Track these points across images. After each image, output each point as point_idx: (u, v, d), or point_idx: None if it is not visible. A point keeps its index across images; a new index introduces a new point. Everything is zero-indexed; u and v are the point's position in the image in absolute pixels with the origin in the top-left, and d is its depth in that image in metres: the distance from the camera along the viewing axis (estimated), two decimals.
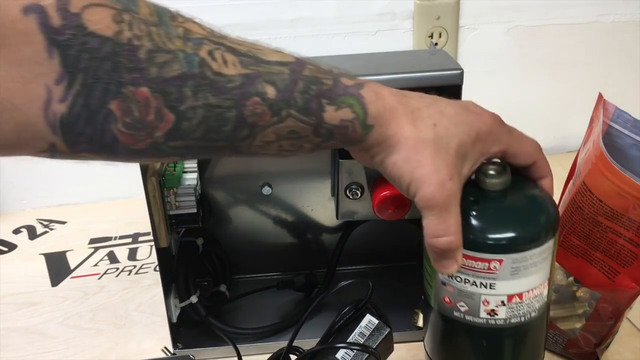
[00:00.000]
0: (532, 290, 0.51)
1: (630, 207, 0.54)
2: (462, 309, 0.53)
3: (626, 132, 0.59)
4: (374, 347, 0.56)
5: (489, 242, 0.49)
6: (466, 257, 0.50)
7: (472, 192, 0.51)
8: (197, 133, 0.40)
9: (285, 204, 0.77)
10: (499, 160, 0.52)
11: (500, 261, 0.49)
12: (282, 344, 0.69)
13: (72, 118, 0.37)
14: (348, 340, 0.56)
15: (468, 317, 0.53)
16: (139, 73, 0.37)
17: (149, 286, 0.82)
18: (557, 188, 0.66)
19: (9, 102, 0.36)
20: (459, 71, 0.60)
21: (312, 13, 0.97)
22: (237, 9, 0.95)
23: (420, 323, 0.67)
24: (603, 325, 0.61)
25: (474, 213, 0.50)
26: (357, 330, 0.57)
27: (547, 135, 1.12)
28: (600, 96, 0.60)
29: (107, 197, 1.04)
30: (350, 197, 0.68)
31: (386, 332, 0.57)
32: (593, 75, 1.08)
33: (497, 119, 0.50)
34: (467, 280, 0.51)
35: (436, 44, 1.00)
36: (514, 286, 0.51)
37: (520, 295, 0.51)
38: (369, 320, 0.57)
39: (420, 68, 0.62)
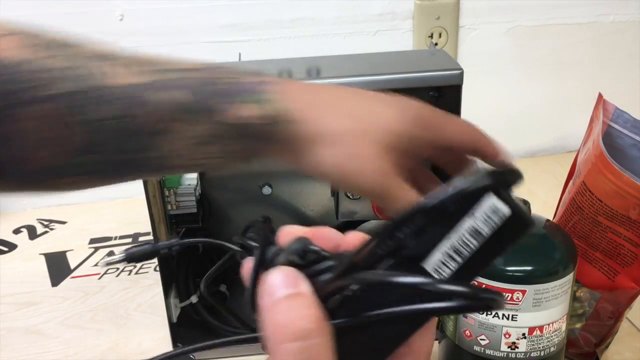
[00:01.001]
0: (552, 324, 0.52)
1: (630, 207, 0.54)
2: (483, 343, 0.53)
3: (626, 132, 0.59)
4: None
5: (513, 272, 0.51)
6: (489, 287, 0.51)
7: None
8: (110, 145, 0.40)
9: (285, 204, 0.77)
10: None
11: (524, 292, 0.50)
12: None
13: None
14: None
15: (488, 351, 0.53)
16: (49, 90, 0.38)
17: (149, 286, 0.82)
18: (557, 188, 0.66)
19: None
20: (459, 71, 0.60)
21: (312, 13, 0.97)
22: (237, 9, 0.95)
23: None
24: (603, 325, 0.61)
25: None
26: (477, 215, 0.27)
27: (547, 135, 1.12)
28: (600, 96, 0.60)
29: (107, 197, 1.04)
30: (350, 197, 0.68)
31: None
32: (593, 75, 1.08)
33: (427, 105, 0.46)
34: (489, 312, 0.52)
35: (436, 44, 1.00)
36: (536, 318, 0.52)
37: (541, 329, 0.52)
38: (491, 206, 0.27)
39: (420, 68, 0.62)
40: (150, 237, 0.63)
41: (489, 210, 0.26)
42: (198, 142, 0.42)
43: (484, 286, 0.51)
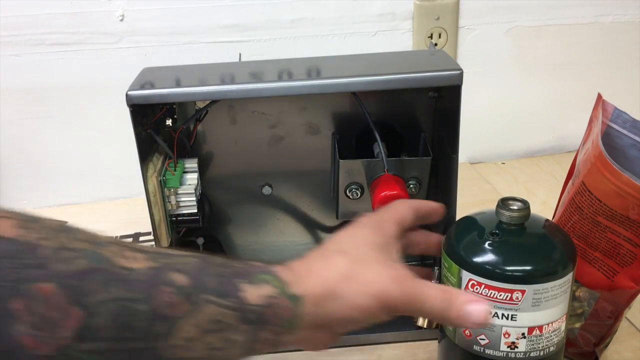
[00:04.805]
0: (552, 323, 0.53)
1: (629, 207, 0.54)
2: (482, 342, 0.53)
3: (625, 132, 0.59)
4: None
5: (513, 272, 0.51)
6: (489, 287, 0.51)
7: (494, 225, 0.53)
8: (110, 332, 0.37)
9: (285, 204, 0.77)
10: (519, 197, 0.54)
11: (523, 292, 0.50)
12: None
13: None
14: None
15: (488, 351, 0.53)
16: (43, 269, 0.36)
17: None
18: (557, 188, 0.66)
19: None
20: (458, 71, 0.60)
21: (312, 14, 0.97)
22: (237, 10, 0.95)
23: (420, 323, 0.67)
24: (602, 324, 0.61)
25: (497, 244, 0.52)
26: None
27: (546, 135, 1.12)
28: (599, 96, 0.61)
29: (107, 197, 1.04)
30: (350, 197, 0.68)
31: None
32: (592, 76, 1.08)
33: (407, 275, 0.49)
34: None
35: (436, 44, 1.00)
36: (535, 318, 0.52)
37: (540, 328, 0.52)
38: None
39: (420, 68, 0.62)
40: (151, 237, 0.63)
41: None
42: (210, 329, 0.40)
43: (483, 285, 0.51)
